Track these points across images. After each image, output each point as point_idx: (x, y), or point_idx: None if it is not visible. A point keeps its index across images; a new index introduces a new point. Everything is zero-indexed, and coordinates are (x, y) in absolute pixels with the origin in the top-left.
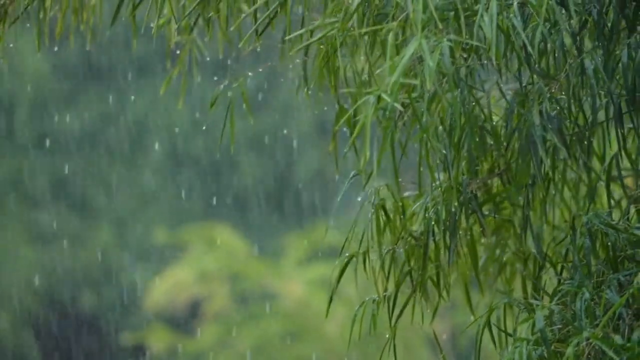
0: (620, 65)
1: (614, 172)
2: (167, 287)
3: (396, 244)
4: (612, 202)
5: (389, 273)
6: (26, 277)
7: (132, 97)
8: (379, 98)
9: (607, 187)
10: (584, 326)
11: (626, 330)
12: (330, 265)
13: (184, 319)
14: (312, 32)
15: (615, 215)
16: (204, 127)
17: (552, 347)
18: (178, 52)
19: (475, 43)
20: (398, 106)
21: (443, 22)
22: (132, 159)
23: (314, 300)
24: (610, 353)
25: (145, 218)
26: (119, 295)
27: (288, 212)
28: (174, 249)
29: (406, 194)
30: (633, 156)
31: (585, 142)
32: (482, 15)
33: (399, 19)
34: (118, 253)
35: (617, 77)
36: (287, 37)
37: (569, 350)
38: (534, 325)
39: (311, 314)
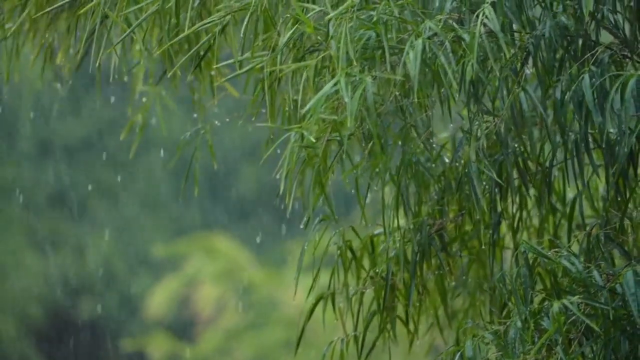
0: (560, 101)
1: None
2: (168, 294)
3: (364, 285)
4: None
5: (358, 312)
6: (28, 285)
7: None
8: (302, 135)
9: (569, 223)
10: (517, 353)
11: (559, 357)
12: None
13: (185, 326)
14: (241, 63)
15: (574, 247)
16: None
17: None
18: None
19: (398, 77)
20: (313, 140)
21: (370, 60)
22: (132, 167)
23: (317, 309)
24: None
25: (147, 226)
26: (120, 302)
27: (290, 220)
28: (175, 257)
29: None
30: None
31: (545, 181)
32: (407, 52)
33: (321, 55)
34: (119, 261)
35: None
36: (215, 66)
37: None
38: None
39: (314, 322)
